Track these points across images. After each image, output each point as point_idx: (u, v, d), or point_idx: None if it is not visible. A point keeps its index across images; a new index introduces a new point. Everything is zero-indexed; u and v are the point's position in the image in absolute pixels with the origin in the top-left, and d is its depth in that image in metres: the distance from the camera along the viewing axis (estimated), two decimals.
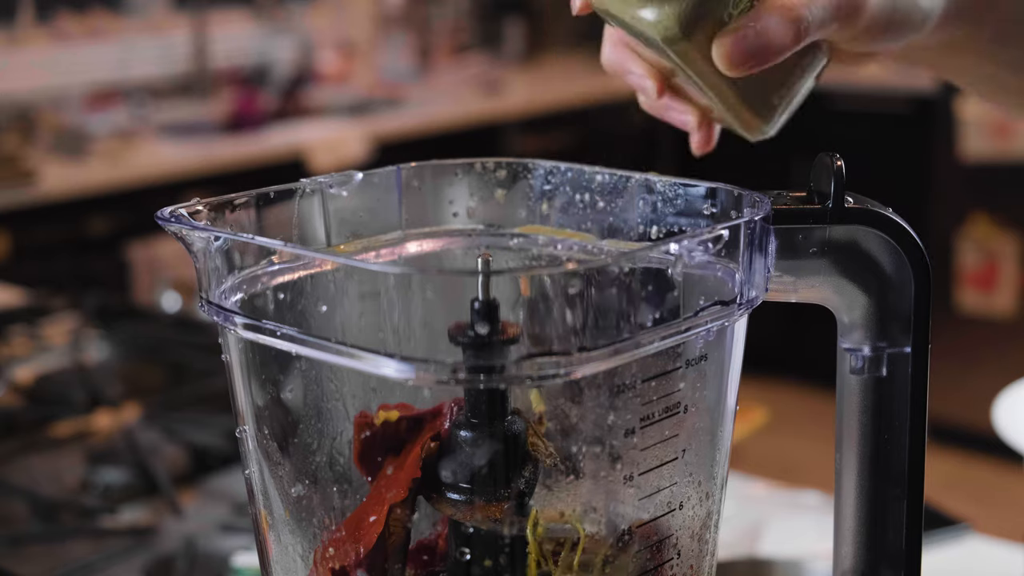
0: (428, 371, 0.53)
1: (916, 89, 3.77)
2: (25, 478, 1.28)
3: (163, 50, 3.84)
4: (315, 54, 4.19)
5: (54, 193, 2.97)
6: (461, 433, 0.58)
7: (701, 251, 0.58)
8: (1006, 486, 3.30)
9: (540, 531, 0.58)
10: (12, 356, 1.64)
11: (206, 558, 1.12)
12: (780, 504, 1.22)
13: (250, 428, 0.63)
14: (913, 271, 0.62)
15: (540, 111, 3.96)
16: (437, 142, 3.70)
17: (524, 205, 0.71)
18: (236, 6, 4.05)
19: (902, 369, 0.63)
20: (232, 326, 0.59)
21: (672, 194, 0.66)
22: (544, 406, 0.63)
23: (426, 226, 0.72)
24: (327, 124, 3.67)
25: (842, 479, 0.66)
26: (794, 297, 0.64)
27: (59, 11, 3.67)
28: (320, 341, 0.55)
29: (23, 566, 1.12)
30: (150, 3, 3.86)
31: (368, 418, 0.60)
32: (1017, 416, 1.20)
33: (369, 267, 0.60)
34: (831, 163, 0.62)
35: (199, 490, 1.27)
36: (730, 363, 0.62)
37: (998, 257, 3.60)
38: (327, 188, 0.67)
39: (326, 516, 0.63)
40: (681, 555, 0.63)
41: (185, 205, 0.62)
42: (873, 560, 0.66)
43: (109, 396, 1.47)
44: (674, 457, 0.61)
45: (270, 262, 0.63)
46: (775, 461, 3.30)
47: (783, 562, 0.96)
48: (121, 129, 3.43)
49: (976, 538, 1.15)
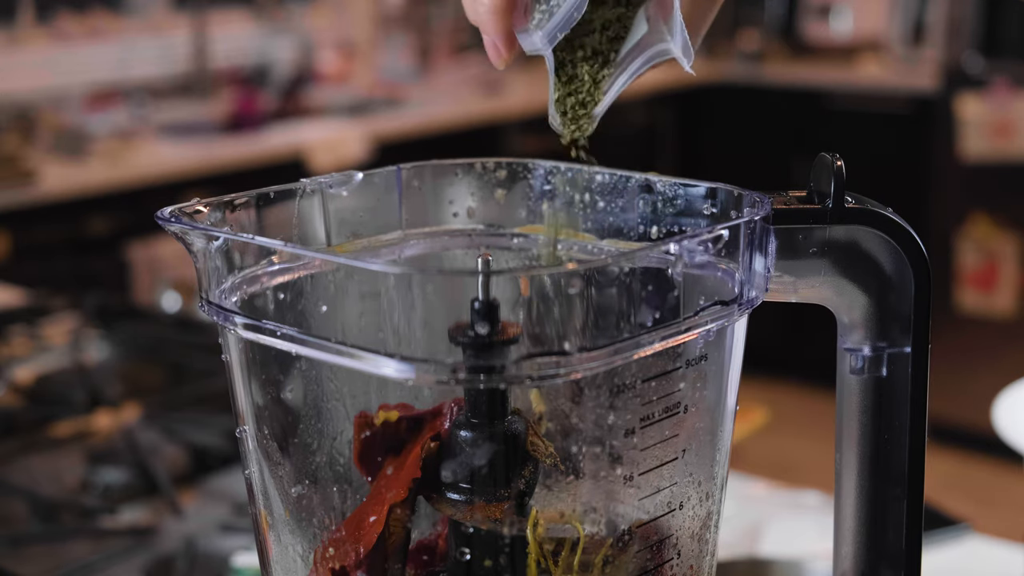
0: (428, 371, 0.53)
1: (916, 89, 3.77)
2: (25, 478, 1.28)
3: (163, 50, 3.84)
4: (315, 54, 4.19)
5: (54, 193, 2.97)
6: (461, 433, 0.58)
7: (701, 251, 0.58)
8: (1006, 486, 3.30)
9: (540, 531, 0.58)
10: (12, 356, 1.64)
11: (206, 558, 1.12)
12: (780, 504, 1.22)
13: (250, 428, 0.63)
14: (913, 271, 0.62)
15: (540, 111, 3.96)
16: (437, 142, 3.70)
17: (524, 205, 0.71)
18: (236, 6, 4.05)
19: (902, 369, 0.63)
20: (232, 326, 0.59)
21: (672, 194, 0.66)
22: (544, 406, 0.63)
23: (426, 226, 0.72)
24: (327, 124, 3.67)
25: (842, 479, 0.66)
26: (794, 297, 0.64)
27: (59, 11, 3.67)
28: (320, 341, 0.55)
29: (23, 566, 1.12)
30: (150, 3, 3.86)
31: (368, 418, 0.60)
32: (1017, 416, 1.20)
33: (369, 267, 0.60)
34: (831, 163, 0.62)
35: (199, 490, 1.27)
36: (730, 363, 0.62)
37: (998, 257, 3.60)
38: (327, 188, 0.67)
39: (326, 516, 0.63)
40: (681, 555, 0.63)
41: (185, 205, 0.62)
42: (873, 560, 0.66)
43: (109, 396, 1.47)
44: (674, 457, 0.61)
45: (270, 262, 0.63)
46: (775, 461, 3.30)
47: (783, 562, 0.96)
48: (121, 129, 3.43)
49: (976, 538, 1.15)
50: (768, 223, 0.61)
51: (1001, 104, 3.52)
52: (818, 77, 4.02)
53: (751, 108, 4.20)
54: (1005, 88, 3.52)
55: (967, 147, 3.58)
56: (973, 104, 3.56)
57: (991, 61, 3.57)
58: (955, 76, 3.63)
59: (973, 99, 3.56)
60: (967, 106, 3.56)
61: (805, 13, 4.42)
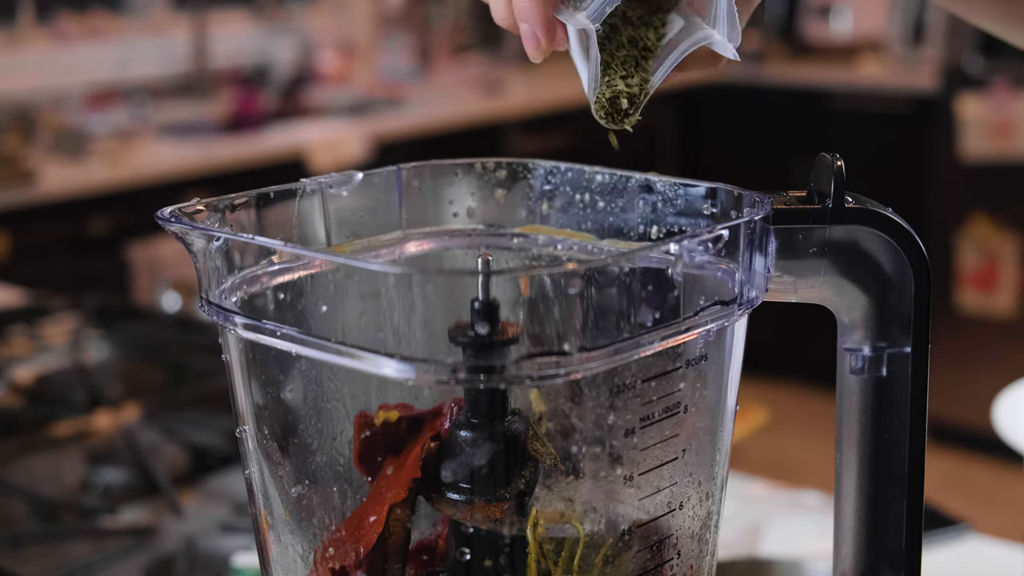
0: (428, 371, 0.53)
1: (916, 89, 3.77)
2: (25, 478, 1.28)
3: (163, 50, 3.84)
4: (315, 54, 4.19)
5: (54, 193, 2.97)
6: (461, 433, 0.58)
7: (701, 251, 0.58)
8: (1006, 486, 3.30)
9: (540, 531, 0.58)
10: (12, 356, 1.64)
11: (206, 558, 1.12)
12: (780, 504, 1.22)
13: (250, 428, 0.63)
14: (913, 271, 0.62)
15: (540, 111, 3.96)
16: (437, 142, 3.70)
17: (524, 205, 0.71)
18: (236, 6, 4.04)
19: (902, 369, 0.63)
20: (232, 326, 0.59)
21: (672, 194, 0.66)
22: (544, 406, 0.63)
23: (426, 226, 0.72)
24: (327, 124, 3.67)
25: (842, 479, 0.66)
26: (794, 297, 0.64)
27: (59, 11, 3.66)
28: (320, 341, 0.55)
29: (23, 566, 1.12)
30: (150, 3, 3.86)
31: (368, 418, 0.60)
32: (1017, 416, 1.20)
33: (369, 267, 0.60)
34: (831, 163, 0.62)
35: (199, 490, 1.27)
36: (730, 363, 0.62)
37: (998, 257, 3.60)
38: (327, 188, 0.67)
39: (326, 516, 0.63)
40: (681, 555, 0.63)
41: (185, 205, 0.62)
42: (873, 560, 0.66)
43: (109, 396, 1.47)
44: (674, 457, 0.61)
45: (270, 262, 0.63)
46: (775, 461, 3.30)
47: (783, 562, 0.96)
48: (121, 129, 3.43)
49: (976, 538, 1.15)
50: (768, 223, 0.61)
51: (1001, 104, 3.52)
52: (818, 77, 4.02)
53: (751, 108, 4.20)
54: (1005, 88, 3.52)
55: (967, 147, 3.58)
56: (973, 104, 3.56)
57: (991, 61, 3.57)
58: (955, 76, 3.63)
59: (973, 99, 3.56)
60: (967, 106, 3.56)
61: (805, 13, 4.42)
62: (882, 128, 3.87)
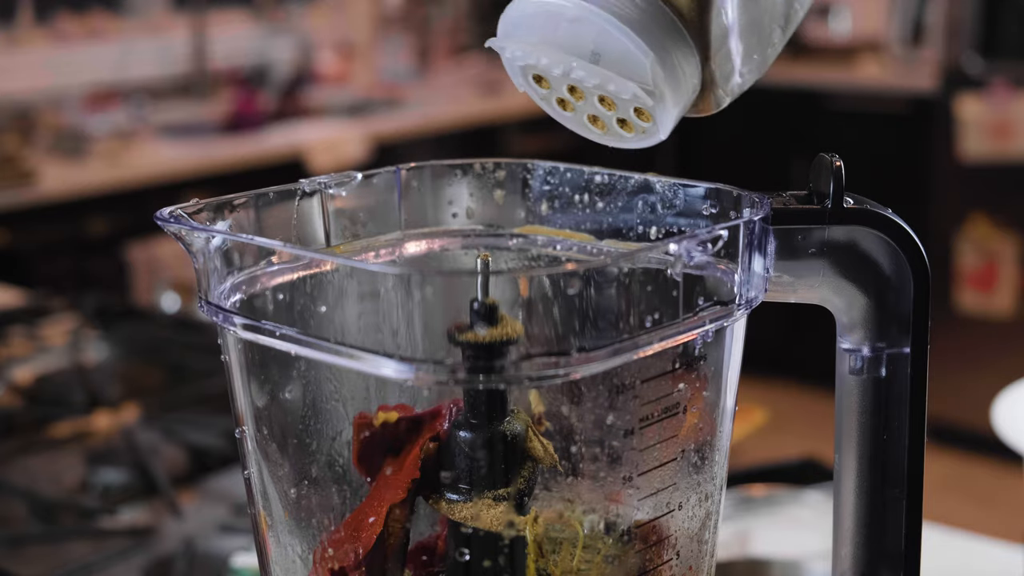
0: (428, 371, 0.53)
1: (915, 89, 3.77)
2: (24, 478, 1.28)
3: (162, 50, 3.84)
4: (314, 54, 4.19)
5: (54, 193, 2.97)
6: (460, 434, 0.58)
7: (700, 251, 0.58)
8: (1006, 486, 3.30)
9: (539, 532, 0.58)
10: (12, 356, 1.64)
11: (205, 558, 1.12)
12: (780, 504, 1.22)
13: (249, 429, 0.63)
14: (912, 271, 0.62)
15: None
16: (437, 142, 3.70)
17: (523, 206, 0.71)
18: (236, 6, 4.04)
19: (901, 369, 0.63)
20: (231, 326, 0.59)
21: (671, 194, 0.66)
22: (544, 406, 0.63)
23: (426, 226, 0.72)
24: (326, 124, 3.67)
25: (842, 479, 0.66)
26: (793, 297, 0.64)
27: (59, 11, 3.66)
28: (319, 341, 0.55)
29: (23, 566, 1.12)
30: (150, 3, 3.86)
31: (367, 419, 0.60)
32: (1017, 416, 1.20)
33: (369, 267, 0.60)
34: (830, 163, 0.62)
35: (198, 490, 1.27)
36: (729, 363, 0.62)
37: (997, 257, 3.60)
38: (327, 188, 0.67)
39: (325, 517, 0.63)
40: (680, 555, 0.63)
41: (184, 205, 0.61)
42: (873, 560, 0.66)
43: (108, 396, 1.47)
44: (673, 458, 0.61)
45: (269, 262, 0.63)
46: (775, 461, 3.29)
47: (783, 562, 0.96)
48: (120, 129, 3.43)
49: (976, 538, 1.15)
50: (767, 223, 0.61)
51: (1000, 104, 3.52)
52: (817, 77, 4.02)
53: (750, 108, 4.19)
54: (1004, 88, 3.52)
55: (966, 147, 3.58)
56: (972, 104, 3.56)
57: (990, 61, 3.57)
58: (954, 76, 3.63)
59: (972, 99, 3.56)
60: (966, 106, 3.56)
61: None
62: (881, 128, 3.87)
